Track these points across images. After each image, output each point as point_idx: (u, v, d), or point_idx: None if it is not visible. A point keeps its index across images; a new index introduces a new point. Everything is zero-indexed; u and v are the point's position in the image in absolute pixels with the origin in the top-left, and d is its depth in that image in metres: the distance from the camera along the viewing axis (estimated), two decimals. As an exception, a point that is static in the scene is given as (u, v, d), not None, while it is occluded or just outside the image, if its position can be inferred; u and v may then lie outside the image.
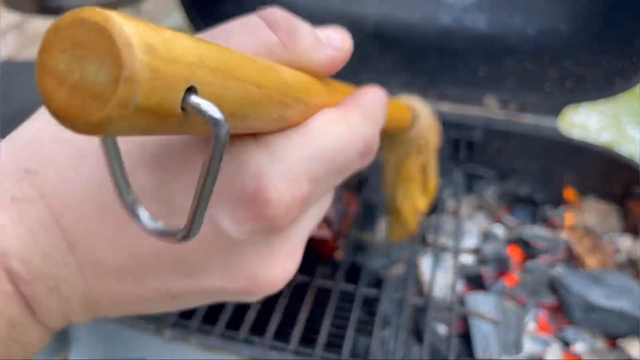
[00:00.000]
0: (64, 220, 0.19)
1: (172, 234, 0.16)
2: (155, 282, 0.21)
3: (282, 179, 0.19)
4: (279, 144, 0.19)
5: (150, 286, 0.21)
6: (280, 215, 0.19)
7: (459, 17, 0.93)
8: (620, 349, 0.63)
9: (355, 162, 0.22)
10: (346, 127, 0.21)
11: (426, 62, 0.96)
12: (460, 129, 0.90)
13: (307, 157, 0.19)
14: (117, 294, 0.21)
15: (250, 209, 0.18)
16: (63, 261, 0.19)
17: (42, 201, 0.19)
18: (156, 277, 0.20)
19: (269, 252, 0.21)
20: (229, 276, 0.21)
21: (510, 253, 0.76)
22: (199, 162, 0.18)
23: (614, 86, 0.86)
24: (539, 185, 0.91)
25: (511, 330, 0.63)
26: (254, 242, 0.20)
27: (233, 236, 0.19)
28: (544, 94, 0.91)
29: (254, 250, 0.21)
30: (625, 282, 0.67)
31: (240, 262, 0.21)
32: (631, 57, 0.84)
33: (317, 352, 0.54)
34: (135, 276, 0.20)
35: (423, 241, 0.78)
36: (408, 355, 0.61)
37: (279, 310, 0.59)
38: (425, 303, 0.61)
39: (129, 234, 0.19)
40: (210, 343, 0.54)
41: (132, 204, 0.17)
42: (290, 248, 0.23)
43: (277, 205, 0.19)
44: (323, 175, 0.21)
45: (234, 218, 0.19)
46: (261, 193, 0.18)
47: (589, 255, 0.75)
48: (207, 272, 0.20)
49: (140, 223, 0.17)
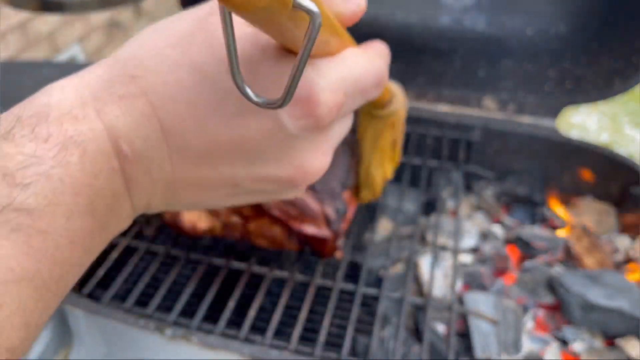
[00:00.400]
0: (162, 113, 0.24)
1: (272, 104, 0.22)
2: (225, 168, 0.26)
3: (326, 89, 0.25)
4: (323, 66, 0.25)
5: (221, 172, 0.26)
6: (324, 115, 0.25)
7: (458, 18, 0.93)
8: (619, 349, 0.64)
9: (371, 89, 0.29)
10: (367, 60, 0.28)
11: (425, 63, 0.97)
12: (459, 130, 0.90)
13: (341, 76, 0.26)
14: (194, 178, 0.26)
15: (304, 108, 0.25)
16: (158, 146, 0.24)
17: (145, 98, 0.24)
18: (227, 164, 0.26)
19: (312, 146, 0.27)
20: (282, 165, 0.27)
21: (509, 253, 0.77)
22: (284, 62, 0.24)
23: (613, 87, 0.86)
24: (537, 186, 0.92)
25: (510, 330, 0.63)
26: (304, 136, 0.26)
27: (289, 130, 0.25)
28: (543, 95, 0.91)
29: (302, 144, 0.27)
30: (624, 282, 0.67)
31: (291, 153, 0.27)
32: (630, 58, 0.84)
33: (317, 351, 0.54)
34: (211, 163, 0.26)
35: (422, 241, 0.78)
36: (407, 354, 0.62)
37: (279, 310, 0.59)
38: (424, 302, 0.62)
39: (213, 125, 0.25)
40: (211, 342, 0.54)
41: (241, 82, 0.22)
42: (326, 147, 0.29)
43: (324, 107, 0.25)
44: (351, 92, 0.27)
45: (292, 115, 0.25)
46: (312, 97, 0.25)
47: (588, 255, 0.76)
48: (266, 161, 0.26)
49: (249, 97, 0.22)
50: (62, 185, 0.21)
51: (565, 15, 0.87)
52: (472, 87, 0.94)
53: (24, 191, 0.20)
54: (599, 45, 0.87)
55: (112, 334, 0.60)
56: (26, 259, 0.20)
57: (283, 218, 0.58)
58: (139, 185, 0.25)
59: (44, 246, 0.21)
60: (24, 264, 0.20)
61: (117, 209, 0.24)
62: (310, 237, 0.59)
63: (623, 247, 0.78)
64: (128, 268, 0.64)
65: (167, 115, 0.24)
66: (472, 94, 0.94)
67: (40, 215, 0.21)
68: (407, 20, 0.95)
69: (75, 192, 0.22)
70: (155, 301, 0.59)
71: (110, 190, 0.23)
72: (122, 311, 0.57)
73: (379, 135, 0.57)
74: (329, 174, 0.60)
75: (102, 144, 0.23)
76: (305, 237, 0.59)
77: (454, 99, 0.95)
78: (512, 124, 0.91)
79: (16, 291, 0.20)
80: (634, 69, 0.84)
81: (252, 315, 0.58)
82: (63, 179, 0.21)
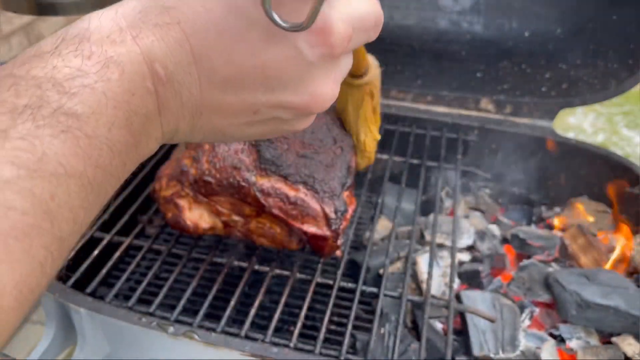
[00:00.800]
0: (193, 40, 0.26)
1: (296, 27, 0.25)
2: (247, 94, 0.29)
3: (339, 21, 0.28)
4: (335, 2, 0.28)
5: (244, 98, 0.29)
6: (338, 44, 0.28)
7: (455, 20, 0.94)
8: (615, 346, 0.64)
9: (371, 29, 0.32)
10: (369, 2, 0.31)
11: (423, 65, 0.98)
12: (456, 130, 0.91)
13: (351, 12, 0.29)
14: (218, 103, 0.29)
15: (320, 37, 0.27)
16: (188, 70, 0.27)
17: (178, 26, 0.26)
18: (249, 90, 0.29)
19: (325, 75, 0.30)
20: (298, 91, 0.30)
21: (506, 252, 0.78)
22: None
23: (609, 89, 0.87)
24: (534, 186, 0.93)
25: (507, 327, 0.64)
26: (318, 64, 0.29)
27: (307, 57, 0.28)
28: (540, 97, 0.92)
29: (317, 72, 0.29)
30: (619, 280, 0.68)
31: (307, 80, 0.29)
32: (626, 60, 0.85)
33: (317, 348, 0.55)
34: (235, 88, 0.28)
35: (421, 240, 0.79)
36: (406, 351, 0.62)
37: (280, 308, 0.60)
38: (423, 300, 0.62)
39: (239, 53, 0.27)
40: (213, 339, 0.55)
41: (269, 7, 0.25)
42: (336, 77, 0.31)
43: (337, 36, 0.28)
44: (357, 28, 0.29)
45: (310, 43, 0.28)
46: (328, 28, 0.27)
47: (584, 254, 0.77)
48: (284, 87, 0.29)
49: (275, 21, 0.25)
50: (104, 98, 0.24)
51: (562, 18, 0.88)
52: (470, 88, 0.95)
53: (71, 99, 0.23)
54: (594, 48, 0.88)
55: (115, 332, 0.61)
56: (74, 159, 0.23)
57: (284, 217, 0.59)
58: (170, 107, 0.28)
59: (89, 150, 0.23)
60: (72, 162, 0.23)
61: (149, 129, 0.27)
62: (310, 236, 0.59)
63: (619, 246, 0.79)
64: (131, 267, 0.65)
65: (198, 42, 0.27)
66: (469, 96, 0.95)
67: (87, 121, 0.23)
68: (405, 22, 0.96)
69: (115, 106, 0.24)
70: (157, 300, 0.60)
71: (144, 109, 0.26)
72: (125, 310, 0.58)
73: (360, 104, 0.64)
74: (329, 173, 0.61)
75: (139, 65, 0.25)
76: (306, 236, 0.60)
77: (452, 100, 0.96)
78: (509, 124, 0.93)
79: (65, 185, 0.23)
80: (630, 71, 0.85)
81: (253, 313, 0.59)
82: (105, 92, 0.24)
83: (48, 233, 0.22)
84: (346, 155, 0.65)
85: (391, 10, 0.95)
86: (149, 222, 0.74)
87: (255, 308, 0.59)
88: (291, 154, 0.60)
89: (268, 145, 0.60)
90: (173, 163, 0.62)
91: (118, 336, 0.61)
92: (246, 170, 0.58)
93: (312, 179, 0.59)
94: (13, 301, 0.21)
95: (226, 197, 0.60)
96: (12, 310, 0.21)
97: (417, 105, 0.97)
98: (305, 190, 0.59)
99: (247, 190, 0.58)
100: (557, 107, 0.91)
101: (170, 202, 0.61)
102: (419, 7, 0.95)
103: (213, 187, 0.59)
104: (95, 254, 0.66)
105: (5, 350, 1.31)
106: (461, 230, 0.79)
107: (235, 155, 0.59)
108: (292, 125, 0.33)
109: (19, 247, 0.21)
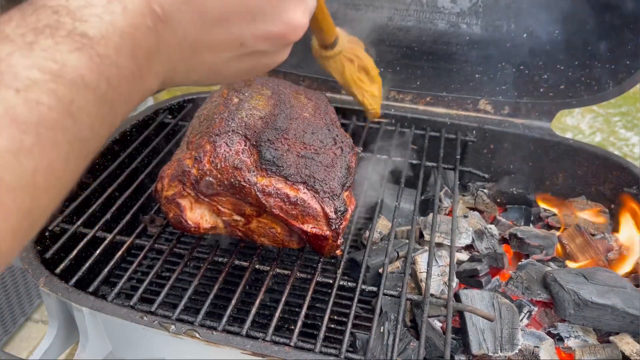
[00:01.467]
0: None
1: None
2: (234, 28, 0.34)
3: None
4: None
5: (232, 32, 0.34)
6: None
7: (454, 22, 0.95)
8: (612, 345, 0.65)
9: None
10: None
11: (422, 67, 0.98)
12: (455, 131, 0.92)
13: None
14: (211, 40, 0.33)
15: None
16: (183, 9, 0.31)
17: None
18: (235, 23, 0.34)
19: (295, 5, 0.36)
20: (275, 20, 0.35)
21: (504, 251, 0.78)
22: None
23: (606, 90, 0.88)
24: (532, 186, 0.93)
25: (505, 326, 0.64)
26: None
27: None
28: (538, 98, 0.93)
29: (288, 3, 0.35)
30: (617, 280, 0.68)
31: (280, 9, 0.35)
32: (624, 62, 0.86)
33: (317, 347, 0.55)
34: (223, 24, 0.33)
35: (420, 239, 0.80)
36: (405, 349, 0.63)
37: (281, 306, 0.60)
38: (422, 299, 0.63)
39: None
40: (214, 338, 0.55)
41: None
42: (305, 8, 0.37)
43: None
44: None
45: None
46: None
47: (582, 254, 0.77)
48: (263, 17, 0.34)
49: None
50: (112, 27, 0.28)
51: (560, 20, 0.88)
52: (468, 89, 0.96)
53: (83, 24, 0.27)
54: (592, 49, 0.88)
55: (117, 330, 0.61)
56: (89, 72, 0.26)
57: (284, 217, 0.59)
58: (168, 44, 0.31)
59: (101, 67, 0.27)
60: (89, 75, 0.26)
61: (151, 63, 0.31)
62: (310, 236, 0.60)
63: (616, 246, 0.80)
64: (133, 266, 0.66)
65: None
66: (468, 97, 0.96)
67: (98, 42, 0.27)
68: (404, 24, 0.97)
69: (121, 36, 0.28)
70: (159, 298, 0.60)
71: (146, 43, 0.30)
72: (127, 308, 0.58)
73: (342, 71, 0.72)
74: (329, 174, 0.62)
75: (138, 4, 0.29)
76: (306, 236, 0.60)
77: (451, 101, 0.97)
78: (507, 125, 0.93)
79: (83, 94, 0.26)
80: (627, 73, 0.85)
81: (254, 311, 0.59)
82: (112, 22, 0.28)
83: (70, 131, 0.25)
84: (346, 155, 0.66)
85: (390, 12, 0.96)
86: (150, 221, 0.75)
87: (256, 307, 0.59)
88: (292, 155, 0.61)
89: (269, 145, 0.60)
90: (174, 163, 0.62)
91: (120, 335, 0.62)
92: (247, 170, 0.59)
93: (313, 179, 0.60)
94: (43, 181, 0.24)
95: (227, 197, 0.60)
96: (44, 190, 0.25)
97: (416, 106, 0.98)
98: (306, 190, 0.59)
99: (248, 191, 0.58)
100: (555, 108, 0.92)
101: (172, 202, 0.61)
102: (418, 9, 0.95)
103: (214, 187, 0.59)
104: (97, 253, 0.66)
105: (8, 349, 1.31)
106: (460, 229, 0.79)
107: (237, 156, 0.59)
108: (273, 58, 0.38)
109: (47, 136, 0.24)
